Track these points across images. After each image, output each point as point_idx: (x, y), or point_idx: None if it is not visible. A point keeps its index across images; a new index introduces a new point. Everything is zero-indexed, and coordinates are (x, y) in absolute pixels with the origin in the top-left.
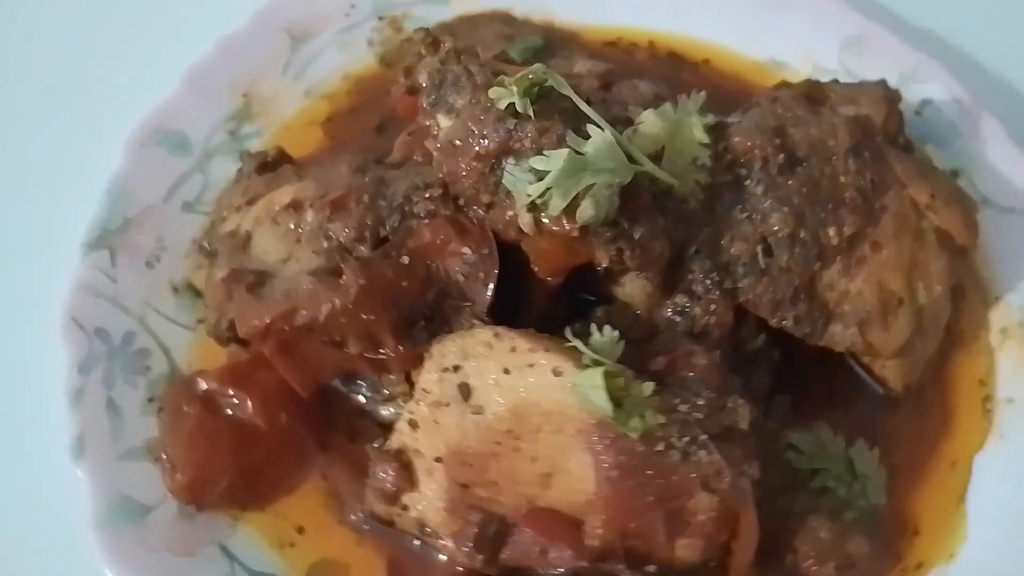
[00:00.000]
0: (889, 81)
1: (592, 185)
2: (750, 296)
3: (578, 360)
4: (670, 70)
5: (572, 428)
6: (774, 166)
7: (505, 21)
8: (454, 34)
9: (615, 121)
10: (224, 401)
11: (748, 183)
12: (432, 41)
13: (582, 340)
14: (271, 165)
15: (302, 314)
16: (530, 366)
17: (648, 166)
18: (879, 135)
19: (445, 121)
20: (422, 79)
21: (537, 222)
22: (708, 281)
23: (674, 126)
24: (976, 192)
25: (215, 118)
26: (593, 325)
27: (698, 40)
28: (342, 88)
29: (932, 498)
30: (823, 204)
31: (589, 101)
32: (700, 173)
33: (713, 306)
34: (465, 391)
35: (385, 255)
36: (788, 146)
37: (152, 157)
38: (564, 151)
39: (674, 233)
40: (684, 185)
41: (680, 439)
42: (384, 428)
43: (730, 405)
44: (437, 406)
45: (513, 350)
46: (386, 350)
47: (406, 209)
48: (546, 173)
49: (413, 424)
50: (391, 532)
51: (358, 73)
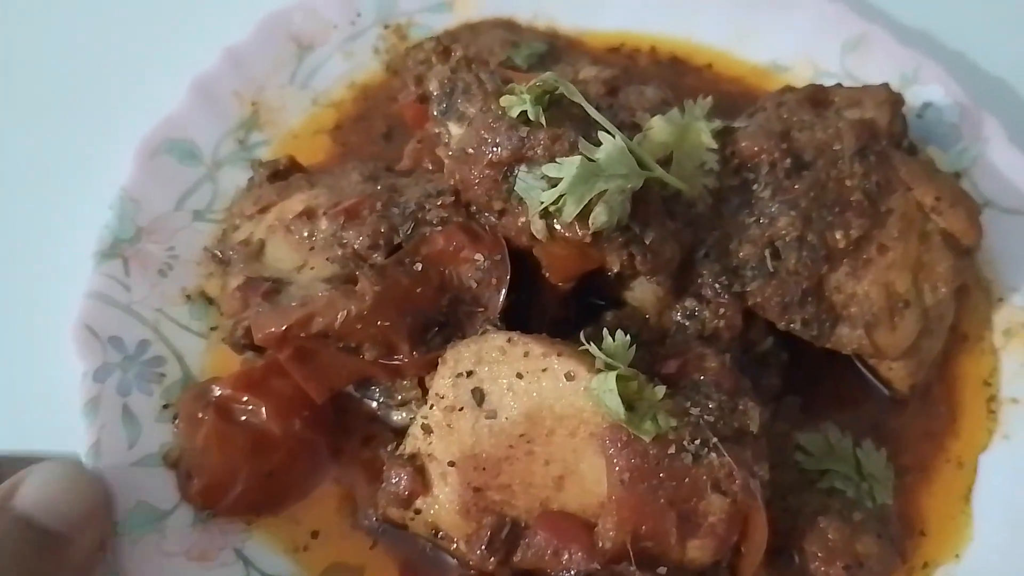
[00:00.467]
0: (891, 84)
1: (604, 191)
2: (759, 299)
3: (591, 364)
4: (673, 75)
5: (585, 431)
6: (781, 170)
7: (508, 28)
8: (458, 41)
9: (622, 126)
10: (238, 408)
11: (755, 187)
12: (443, 50)
13: (594, 344)
14: (283, 174)
15: (318, 321)
16: (543, 370)
17: (658, 171)
18: (884, 138)
19: (456, 129)
20: (432, 87)
21: (550, 228)
22: (717, 285)
23: (682, 131)
24: (978, 193)
25: (224, 127)
26: (605, 329)
27: (700, 44)
28: (349, 96)
29: (938, 498)
30: (830, 207)
31: (598, 108)
32: (708, 177)
33: (722, 309)
34: (479, 396)
35: (399, 262)
36: (794, 150)
37: (162, 167)
38: (577, 158)
39: (683, 237)
40: (692, 189)
41: (692, 442)
42: (397, 433)
43: (741, 408)
44: (451, 411)
45: (526, 355)
46: (401, 356)
47: (419, 216)
48: (559, 180)
49: (427, 429)
50: (404, 536)
51: (364, 81)
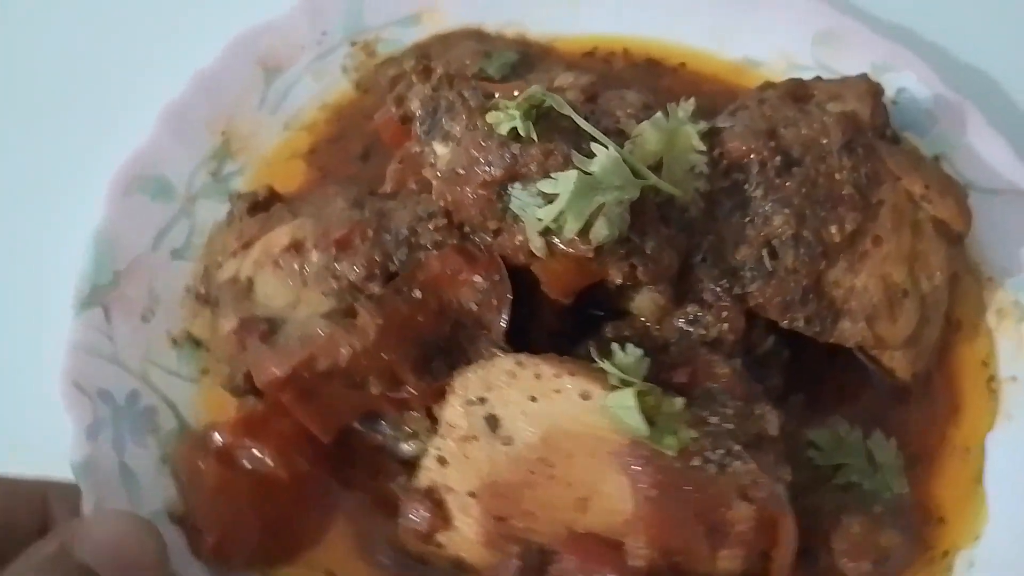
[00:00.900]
0: (866, 73)
1: (603, 204)
2: (760, 300)
3: (604, 381)
4: (649, 77)
5: (605, 450)
6: (772, 168)
7: (478, 38)
8: (429, 54)
9: (607, 133)
10: (241, 454)
11: (747, 187)
12: (423, 69)
13: (604, 359)
14: (263, 205)
15: (322, 361)
16: (557, 392)
17: (653, 179)
18: (868, 129)
19: (442, 149)
20: (415, 107)
21: (550, 245)
22: (718, 288)
23: (670, 136)
24: (958, 176)
25: (195, 159)
26: (615, 344)
27: (672, 44)
28: (321, 118)
29: (951, 483)
30: (822, 203)
31: (586, 118)
32: (699, 181)
33: (725, 313)
34: (493, 423)
35: (397, 291)
36: (782, 147)
37: (135, 206)
38: (573, 173)
39: (679, 243)
40: (685, 194)
41: (714, 451)
42: (405, 464)
43: (757, 412)
44: (465, 440)
45: (538, 377)
46: (407, 387)
47: (412, 241)
48: (555, 196)
49: (442, 460)
50: (424, 570)
51: (335, 101)
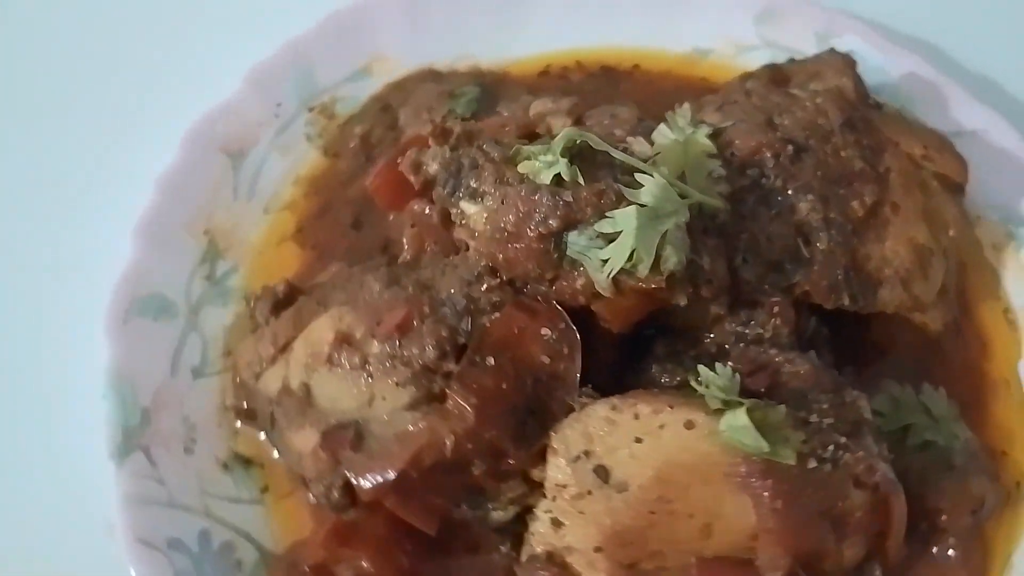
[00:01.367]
0: (809, 43)
1: (665, 232)
2: (807, 288)
3: (704, 406)
4: (607, 84)
5: (718, 474)
6: (785, 158)
7: (434, 78)
8: (390, 104)
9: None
10: (338, 569)
11: (764, 181)
12: (441, 131)
13: (699, 384)
14: (284, 302)
15: (428, 456)
16: (661, 427)
17: (696, 195)
18: (857, 102)
19: (473, 207)
20: (432, 170)
21: (616, 283)
22: (766, 286)
23: (683, 145)
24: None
25: (186, 268)
26: (702, 367)
27: (621, 48)
28: (299, 194)
29: (1001, 416)
30: (839, 182)
31: (626, 150)
32: (720, 184)
33: (776, 307)
34: (603, 474)
35: (472, 363)
36: (787, 135)
37: (139, 332)
38: (631, 208)
39: (723, 251)
40: (713, 200)
41: (824, 449)
42: (500, 532)
43: (848, 400)
44: (579, 497)
45: (637, 417)
46: (509, 459)
47: (472, 308)
48: (615, 234)
49: (556, 523)
50: None
51: (308, 173)
